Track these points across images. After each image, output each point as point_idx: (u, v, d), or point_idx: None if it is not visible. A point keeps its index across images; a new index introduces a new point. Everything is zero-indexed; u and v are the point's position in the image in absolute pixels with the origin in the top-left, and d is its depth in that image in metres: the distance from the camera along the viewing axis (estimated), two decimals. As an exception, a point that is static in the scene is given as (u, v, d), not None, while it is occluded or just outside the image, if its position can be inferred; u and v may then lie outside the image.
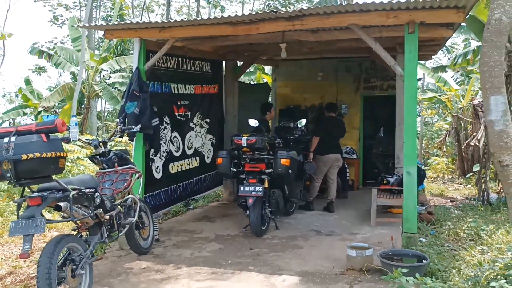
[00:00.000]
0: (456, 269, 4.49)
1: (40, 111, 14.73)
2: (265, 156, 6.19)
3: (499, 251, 5.00)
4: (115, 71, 16.61)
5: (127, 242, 5.18)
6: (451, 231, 6.07)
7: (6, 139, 3.53)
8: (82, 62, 12.58)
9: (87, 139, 4.96)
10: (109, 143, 4.93)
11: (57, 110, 16.33)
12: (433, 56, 10.46)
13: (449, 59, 12.86)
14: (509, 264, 3.75)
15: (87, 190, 4.12)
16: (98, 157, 4.85)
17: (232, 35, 6.26)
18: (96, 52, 16.79)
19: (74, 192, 3.86)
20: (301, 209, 7.53)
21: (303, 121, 7.09)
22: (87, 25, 6.59)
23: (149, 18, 28.26)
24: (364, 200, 7.88)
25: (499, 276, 3.69)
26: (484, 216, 7.15)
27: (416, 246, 5.12)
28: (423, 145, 15.49)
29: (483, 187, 8.25)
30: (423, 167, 10.03)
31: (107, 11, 23.76)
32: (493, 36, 3.65)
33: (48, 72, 34.05)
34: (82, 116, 15.23)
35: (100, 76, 17.13)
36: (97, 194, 4.22)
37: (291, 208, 7.25)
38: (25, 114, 15.84)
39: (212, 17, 5.63)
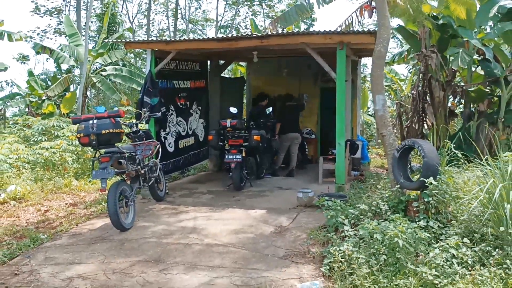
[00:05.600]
0: (362, 201, 7.07)
1: (44, 100, 16.81)
2: (243, 134, 8.70)
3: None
4: (108, 64, 18.71)
5: (150, 192, 7.64)
6: (372, 185, 8.69)
7: (91, 121, 5.94)
8: (86, 59, 14.75)
9: (124, 122, 7.36)
10: (139, 125, 7.37)
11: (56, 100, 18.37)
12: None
13: (390, 56, 15.55)
14: (391, 197, 6.33)
15: (133, 154, 6.57)
16: (131, 134, 7.27)
17: (218, 47, 8.70)
18: (90, 46, 18.87)
19: (128, 153, 6.31)
20: (269, 175, 10.08)
21: (270, 108, 9.61)
22: (114, 40, 8.90)
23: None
24: (318, 170, 10.46)
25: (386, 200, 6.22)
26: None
27: (343, 191, 7.71)
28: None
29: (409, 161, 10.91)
30: (363, 142, 12.37)
31: (101, 8, 25.54)
32: (376, 60, 6.20)
33: (31, 61, 35.55)
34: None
35: (95, 68, 19.16)
36: (137, 156, 6.67)
37: (262, 173, 9.79)
38: (31, 102, 17.80)
39: (204, 37, 8.06)
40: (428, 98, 10.96)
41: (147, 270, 5.08)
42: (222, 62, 11.65)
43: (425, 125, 11.72)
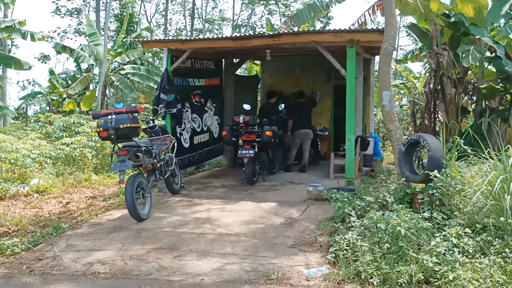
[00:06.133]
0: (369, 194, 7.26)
1: (65, 98, 17.32)
2: (256, 130, 8.95)
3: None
4: (126, 63, 19.15)
5: (165, 185, 7.94)
6: (382, 180, 8.86)
7: (109, 116, 6.26)
8: (105, 58, 15.18)
9: (142, 118, 7.68)
10: (155, 121, 7.68)
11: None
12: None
13: (403, 54, 15.64)
14: (397, 189, 6.52)
15: (149, 148, 6.87)
16: (148, 129, 7.58)
17: (231, 46, 8.97)
18: (109, 45, 19.33)
19: (145, 147, 6.62)
20: (281, 171, 10.31)
21: (282, 105, 9.84)
22: (132, 40, 9.23)
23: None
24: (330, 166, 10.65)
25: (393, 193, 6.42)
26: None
27: (353, 186, 7.91)
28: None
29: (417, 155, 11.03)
30: (375, 139, 12.46)
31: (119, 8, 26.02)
32: (383, 57, 6.39)
33: (52, 60, 36.23)
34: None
35: (113, 67, 19.62)
36: (154, 150, 6.98)
37: (274, 169, 10.03)
38: (52, 100, 18.34)
39: (218, 36, 8.33)
40: (440, 95, 11.06)
41: (162, 256, 5.37)
42: (236, 60, 11.92)
43: (438, 122, 11.82)
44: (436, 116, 11.50)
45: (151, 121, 7.60)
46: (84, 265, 5.25)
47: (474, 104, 11.58)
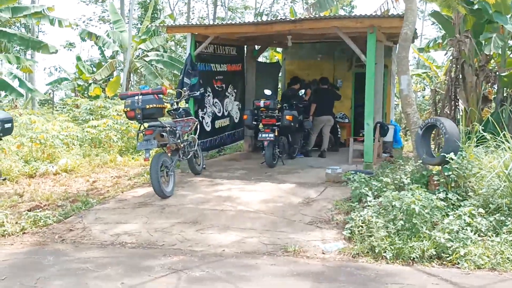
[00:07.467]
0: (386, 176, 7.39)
1: (91, 83, 17.78)
2: (276, 114, 9.15)
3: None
4: (150, 50, 19.49)
5: (188, 165, 8.22)
6: (400, 165, 8.97)
7: (136, 97, 6.54)
8: (130, 45, 15.51)
9: (166, 100, 7.95)
10: (179, 103, 7.94)
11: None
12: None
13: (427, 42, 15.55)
14: (414, 171, 6.66)
15: (173, 128, 7.14)
16: (172, 111, 7.85)
17: (253, 31, 9.15)
18: (133, 32, 19.69)
19: (169, 127, 6.89)
20: (301, 155, 10.50)
21: (303, 91, 10.00)
22: (157, 25, 9.48)
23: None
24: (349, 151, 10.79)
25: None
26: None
27: (371, 169, 8.05)
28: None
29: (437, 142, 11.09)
30: (395, 127, 12.48)
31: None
32: (402, 42, 6.50)
33: (77, 48, 36.94)
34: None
35: (138, 54, 19.99)
36: (178, 131, 7.25)
37: (294, 153, 10.22)
38: (78, 85, 18.84)
39: (241, 22, 8.52)
40: (461, 83, 11.05)
41: (185, 229, 5.65)
42: (258, 47, 12.08)
43: (459, 110, 11.82)
44: (457, 104, 11.50)
45: (175, 103, 7.86)
46: (111, 236, 5.57)
47: (495, 92, 11.54)
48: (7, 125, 5.44)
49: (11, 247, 5.32)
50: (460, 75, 11.03)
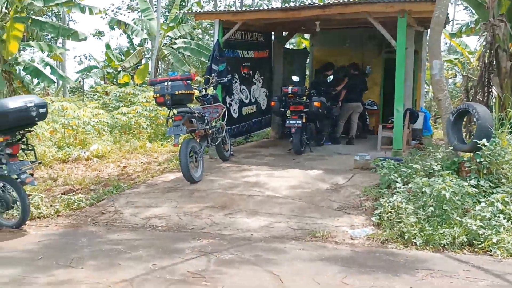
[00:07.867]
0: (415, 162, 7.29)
1: (120, 71, 18.04)
2: (304, 101, 9.11)
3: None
4: (178, 38, 19.61)
5: (216, 151, 8.28)
6: (430, 152, 8.83)
7: (165, 83, 6.62)
8: (158, 33, 15.64)
9: (194, 86, 8.00)
10: (207, 89, 7.99)
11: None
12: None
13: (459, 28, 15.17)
14: (444, 158, 6.54)
15: (202, 114, 7.21)
16: (201, 97, 7.91)
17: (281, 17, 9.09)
18: (161, 20, 19.83)
19: (198, 113, 6.95)
20: (329, 142, 10.44)
21: (331, 77, 9.92)
22: (185, 12, 9.51)
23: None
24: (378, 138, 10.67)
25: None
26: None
27: (400, 156, 7.95)
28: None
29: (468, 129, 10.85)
30: (425, 114, 12.26)
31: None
32: (435, 26, 6.35)
33: (105, 36, 37.43)
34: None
35: (165, 42, 20.15)
36: (206, 116, 7.31)
37: (322, 140, 10.17)
38: (108, 73, 19.14)
39: (269, 7, 8.48)
40: (494, 69, 10.75)
41: (214, 214, 5.73)
42: (285, 33, 12.01)
43: (492, 96, 11.52)
44: (490, 90, 11.21)
45: (203, 90, 7.92)
46: (142, 219, 5.69)
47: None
48: (42, 110, 5.58)
49: (46, 228, 5.51)
50: (494, 61, 10.72)
